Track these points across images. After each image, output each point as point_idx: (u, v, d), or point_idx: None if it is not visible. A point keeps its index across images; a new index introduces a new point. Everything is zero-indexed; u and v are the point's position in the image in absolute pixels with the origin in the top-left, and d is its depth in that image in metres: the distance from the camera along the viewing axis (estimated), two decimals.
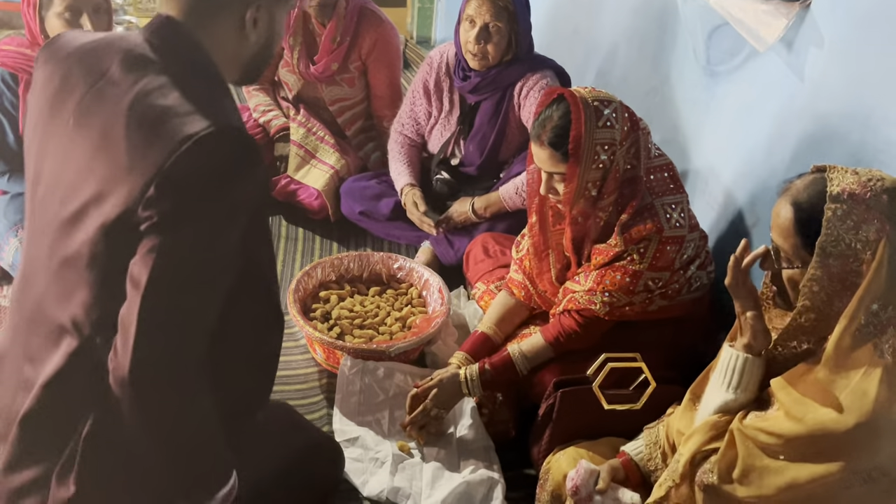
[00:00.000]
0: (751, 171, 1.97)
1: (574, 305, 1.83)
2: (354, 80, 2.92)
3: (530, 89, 2.42)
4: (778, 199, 1.28)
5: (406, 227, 2.73)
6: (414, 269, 2.43)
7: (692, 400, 1.52)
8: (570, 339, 1.84)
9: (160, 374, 1.14)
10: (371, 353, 2.08)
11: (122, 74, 1.18)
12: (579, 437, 1.69)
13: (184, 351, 1.16)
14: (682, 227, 1.77)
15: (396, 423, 2.00)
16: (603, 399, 1.61)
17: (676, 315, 1.85)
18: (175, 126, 1.10)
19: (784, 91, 1.85)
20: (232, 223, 1.15)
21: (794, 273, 1.27)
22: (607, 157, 1.71)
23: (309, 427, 1.79)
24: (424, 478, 1.85)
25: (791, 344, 1.28)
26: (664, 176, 1.80)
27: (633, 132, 1.75)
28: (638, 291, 1.77)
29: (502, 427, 1.98)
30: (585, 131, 1.69)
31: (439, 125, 2.65)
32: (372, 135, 3.07)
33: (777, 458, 1.22)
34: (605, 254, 1.80)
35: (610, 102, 1.73)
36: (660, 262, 1.76)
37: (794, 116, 1.81)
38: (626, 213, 1.76)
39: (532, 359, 1.87)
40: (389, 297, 2.37)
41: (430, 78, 2.60)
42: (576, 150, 1.69)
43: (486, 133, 2.52)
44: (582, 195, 1.76)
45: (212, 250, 1.14)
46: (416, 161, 2.73)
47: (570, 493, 1.41)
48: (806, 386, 1.21)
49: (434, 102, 2.62)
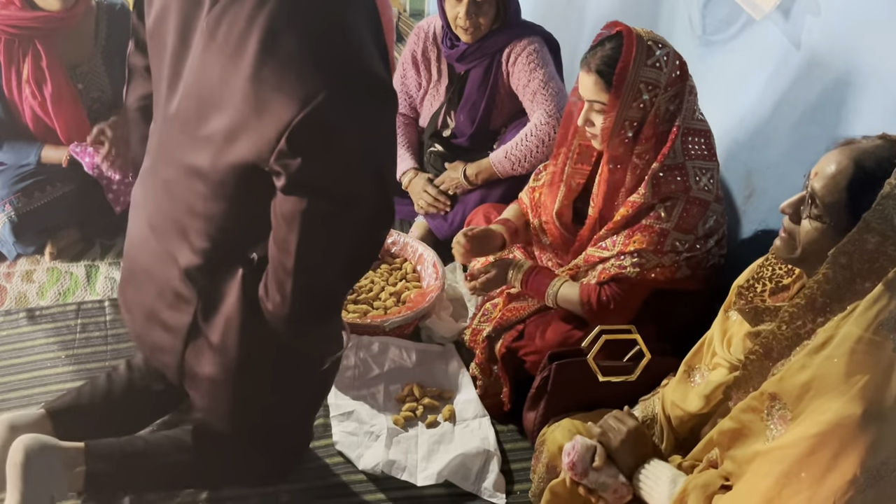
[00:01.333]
0: (747, 140, 1.96)
1: (606, 276, 1.81)
2: None
3: (518, 56, 2.40)
4: (834, 149, 1.20)
5: (400, 200, 2.71)
6: (408, 243, 2.42)
7: (686, 372, 1.52)
8: (603, 307, 1.82)
9: (315, 318, 1.30)
10: (366, 328, 2.07)
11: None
12: (574, 409, 1.69)
13: (333, 285, 1.28)
14: (710, 192, 1.75)
15: (391, 397, 2.01)
16: (598, 371, 1.61)
17: (693, 287, 1.84)
18: (305, 74, 1.05)
19: (780, 59, 1.83)
20: (371, 164, 1.16)
21: (815, 229, 1.20)
22: (649, 98, 1.70)
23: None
24: (420, 451, 1.86)
25: (797, 323, 1.19)
26: (700, 141, 1.78)
27: (679, 82, 1.73)
28: (666, 251, 1.75)
29: (497, 400, 1.98)
30: (633, 65, 1.68)
31: (429, 95, 2.62)
32: None
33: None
34: (632, 205, 1.78)
35: (664, 46, 1.72)
36: (685, 223, 1.74)
37: (791, 85, 1.79)
38: (656, 161, 1.74)
39: (561, 304, 1.88)
40: (383, 271, 2.36)
41: (417, 48, 2.58)
42: (619, 81, 1.69)
43: (476, 101, 2.50)
44: (618, 133, 1.74)
45: (353, 208, 1.16)
46: (414, 141, 2.70)
47: (567, 469, 1.40)
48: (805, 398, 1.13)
49: (423, 73, 2.60)
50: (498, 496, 1.79)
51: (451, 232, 2.52)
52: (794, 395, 1.12)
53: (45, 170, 2.45)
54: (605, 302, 1.82)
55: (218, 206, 1.26)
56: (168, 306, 1.41)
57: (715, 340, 1.46)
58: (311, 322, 1.34)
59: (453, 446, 1.86)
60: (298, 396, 1.59)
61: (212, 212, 1.27)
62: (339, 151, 1.11)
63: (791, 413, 1.13)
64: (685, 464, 1.41)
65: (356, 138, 1.11)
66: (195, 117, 1.22)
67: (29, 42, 2.32)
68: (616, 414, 1.44)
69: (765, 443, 1.16)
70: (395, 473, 1.80)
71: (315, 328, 1.39)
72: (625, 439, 1.38)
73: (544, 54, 2.41)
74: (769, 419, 1.17)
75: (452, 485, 1.81)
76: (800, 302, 1.18)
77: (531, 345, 1.89)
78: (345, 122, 1.08)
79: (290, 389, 1.53)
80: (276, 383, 1.50)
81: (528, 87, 2.39)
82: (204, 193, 1.25)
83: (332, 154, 1.11)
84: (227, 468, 1.67)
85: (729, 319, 1.44)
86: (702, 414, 1.44)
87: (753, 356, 1.25)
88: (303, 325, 1.33)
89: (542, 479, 1.59)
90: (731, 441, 1.24)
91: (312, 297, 1.27)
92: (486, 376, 1.99)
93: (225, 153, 1.18)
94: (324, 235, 1.18)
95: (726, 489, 1.23)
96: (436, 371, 2.09)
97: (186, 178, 1.28)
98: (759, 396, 1.19)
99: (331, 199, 1.14)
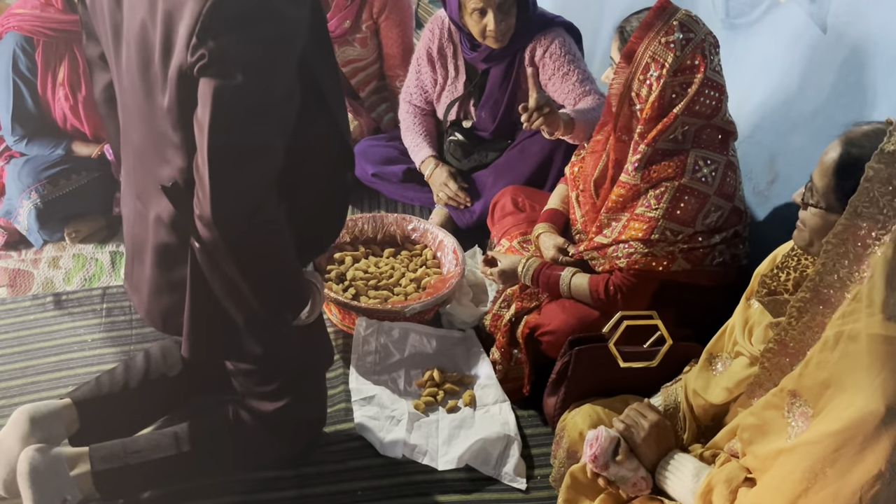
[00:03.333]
0: (771, 125, 1.94)
1: (606, 267, 1.83)
2: (367, 41, 2.89)
3: (545, 50, 2.35)
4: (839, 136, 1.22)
5: (419, 188, 2.71)
6: (428, 230, 2.42)
7: (708, 360, 1.51)
8: (611, 298, 1.82)
9: (239, 210, 1.25)
10: (386, 314, 2.08)
11: None
12: (594, 394, 1.69)
13: (257, 187, 1.25)
14: (708, 184, 1.72)
15: (412, 383, 2.02)
16: (619, 357, 1.61)
17: (700, 283, 1.83)
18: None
19: (805, 42, 1.80)
20: (283, 56, 1.20)
21: (815, 214, 1.22)
22: (654, 77, 1.68)
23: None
24: (441, 435, 1.87)
25: (806, 317, 1.18)
26: (717, 136, 1.75)
27: (693, 73, 1.69)
28: (656, 240, 1.74)
29: (517, 384, 1.99)
30: (647, 36, 1.68)
31: (446, 92, 2.60)
32: (385, 95, 3.04)
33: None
34: (623, 186, 1.78)
35: (690, 32, 1.68)
36: (679, 213, 1.72)
37: (817, 69, 1.77)
38: (645, 143, 1.72)
39: (575, 295, 1.89)
40: (404, 258, 2.37)
41: (433, 45, 2.54)
42: (629, 49, 1.70)
43: (498, 99, 2.48)
44: (626, 102, 1.75)
45: (265, 85, 1.19)
46: (433, 129, 2.69)
47: (589, 461, 1.40)
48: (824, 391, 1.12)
49: (439, 70, 2.57)
50: (518, 480, 1.80)
51: (473, 222, 2.52)
52: (814, 392, 1.12)
53: (71, 159, 2.50)
54: (612, 293, 1.82)
55: (180, 137, 1.29)
56: (168, 268, 1.44)
57: (736, 330, 1.45)
58: (235, 226, 1.26)
59: (474, 431, 1.87)
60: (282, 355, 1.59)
61: (178, 146, 1.30)
62: (247, 37, 1.17)
63: (812, 410, 1.13)
64: (706, 453, 1.41)
65: (268, 28, 1.18)
66: (140, 61, 1.28)
67: (67, 46, 2.37)
68: (638, 407, 1.44)
69: (787, 440, 1.15)
70: (416, 457, 1.81)
71: (239, 236, 1.28)
72: (647, 435, 1.39)
73: (571, 44, 2.38)
74: (790, 416, 1.16)
75: (473, 469, 1.82)
76: (805, 295, 1.17)
77: (547, 324, 1.89)
78: (251, 9, 1.16)
79: (268, 346, 1.52)
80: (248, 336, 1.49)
81: (567, 78, 2.34)
82: (166, 132, 1.30)
83: (241, 37, 1.17)
84: (243, 453, 1.71)
85: (751, 308, 1.43)
86: (724, 404, 1.44)
87: (770, 353, 1.25)
88: (226, 227, 1.24)
89: (563, 463, 1.60)
90: (753, 437, 1.24)
91: (231, 189, 1.23)
92: (506, 361, 2.00)
93: (168, 79, 1.23)
94: (239, 114, 1.20)
95: (749, 481, 1.23)
96: (456, 356, 2.10)
97: (150, 128, 1.33)
98: (780, 393, 1.18)
99: (240, 71, 1.17)
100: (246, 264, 1.32)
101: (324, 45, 1.37)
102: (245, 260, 1.31)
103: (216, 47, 1.15)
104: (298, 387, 1.68)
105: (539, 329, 1.90)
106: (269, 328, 1.46)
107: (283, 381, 1.65)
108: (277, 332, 1.49)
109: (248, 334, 1.46)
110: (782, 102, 1.89)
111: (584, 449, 1.43)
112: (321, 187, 1.47)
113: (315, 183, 1.45)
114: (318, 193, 1.47)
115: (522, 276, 1.99)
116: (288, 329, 1.51)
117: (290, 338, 1.55)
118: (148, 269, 1.48)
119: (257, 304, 1.39)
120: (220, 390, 1.79)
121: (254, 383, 1.65)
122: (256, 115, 1.22)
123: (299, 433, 1.77)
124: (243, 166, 1.23)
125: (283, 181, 1.31)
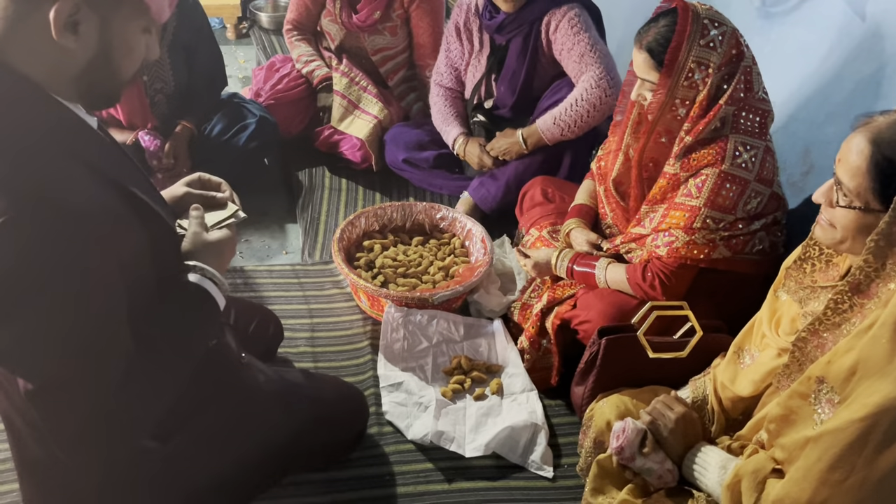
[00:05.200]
0: (806, 115, 1.91)
1: (650, 254, 1.82)
2: (397, 29, 2.89)
3: (558, 23, 2.37)
4: (853, 132, 1.18)
5: (448, 176, 2.73)
6: (457, 219, 2.43)
7: (736, 353, 1.50)
8: (650, 287, 1.81)
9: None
10: (414, 301, 2.10)
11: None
12: (623, 384, 1.68)
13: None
14: (749, 170, 1.70)
15: (440, 370, 2.03)
16: (648, 347, 1.60)
17: (740, 271, 1.81)
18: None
19: (843, 31, 1.77)
20: (71, 292, 1.03)
21: (849, 214, 1.20)
22: (700, 78, 1.67)
23: (332, 381, 1.84)
24: (468, 423, 1.88)
25: (843, 307, 1.18)
26: (755, 119, 1.73)
27: (735, 62, 1.68)
28: (697, 228, 1.73)
29: (544, 374, 1.99)
30: (686, 45, 1.65)
31: (471, 67, 2.63)
32: (414, 84, 3.05)
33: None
34: (665, 176, 1.77)
35: (721, 25, 1.67)
36: (720, 201, 1.70)
37: (854, 58, 1.74)
38: (690, 135, 1.71)
39: (612, 285, 1.89)
40: (432, 246, 2.38)
41: (460, 19, 2.58)
42: (671, 61, 1.67)
43: (517, 71, 2.49)
44: (668, 110, 1.73)
45: (59, 322, 1.03)
46: (462, 111, 2.71)
47: (615, 453, 1.40)
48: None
49: (465, 43, 2.60)
50: (545, 469, 1.81)
51: (496, 204, 2.53)
52: (842, 378, 1.11)
53: None
54: (649, 282, 1.81)
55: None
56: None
57: (763, 322, 1.44)
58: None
59: (501, 419, 1.88)
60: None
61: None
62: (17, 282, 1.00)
63: (839, 396, 1.12)
64: (734, 445, 1.41)
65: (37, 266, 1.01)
66: None
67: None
68: (665, 399, 1.44)
69: (813, 427, 1.15)
70: (443, 444, 1.83)
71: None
72: (674, 428, 1.38)
73: (586, 18, 2.37)
74: (816, 403, 1.16)
75: (500, 457, 1.83)
76: (844, 288, 1.16)
77: (585, 313, 1.88)
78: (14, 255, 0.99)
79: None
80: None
81: (573, 51, 2.36)
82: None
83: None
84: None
85: (778, 300, 1.42)
86: (753, 397, 1.43)
87: (801, 343, 1.24)
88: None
89: (590, 453, 1.60)
90: (780, 427, 1.23)
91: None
92: (534, 350, 2.00)
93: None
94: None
95: (777, 472, 1.22)
96: (483, 345, 2.11)
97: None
98: (807, 381, 1.18)
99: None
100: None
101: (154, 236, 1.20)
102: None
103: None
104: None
105: (576, 319, 1.90)
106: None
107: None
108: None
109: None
110: (818, 92, 1.87)
111: (610, 441, 1.43)
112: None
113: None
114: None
115: (557, 268, 1.99)
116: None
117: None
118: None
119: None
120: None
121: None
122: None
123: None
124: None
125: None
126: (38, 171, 1.01)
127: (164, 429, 1.32)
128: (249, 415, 1.51)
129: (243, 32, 4.11)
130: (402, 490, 1.75)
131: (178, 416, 1.34)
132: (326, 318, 2.23)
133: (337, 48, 2.97)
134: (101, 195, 1.09)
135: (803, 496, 1.12)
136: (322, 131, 2.91)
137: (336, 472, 1.77)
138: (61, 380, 1.06)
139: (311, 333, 2.17)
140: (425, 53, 2.94)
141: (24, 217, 0.97)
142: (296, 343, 2.12)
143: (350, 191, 2.82)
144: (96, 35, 1.07)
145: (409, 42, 2.96)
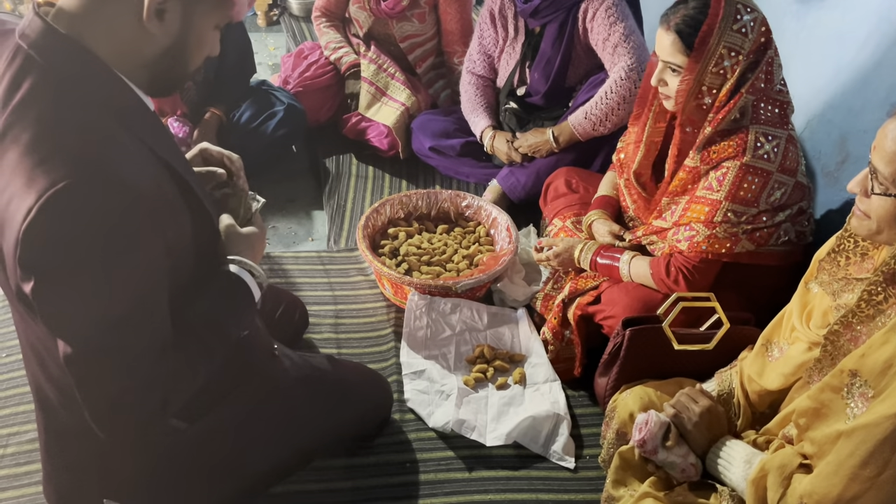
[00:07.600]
0: (842, 103, 1.86)
1: (672, 248, 1.79)
2: (425, 16, 2.88)
3: (596, 10, 2.34)
4: (889, 119, 1.15)
5: (475, 164, 2.71)
6: (482, 207, 2.41)
7: (764, 345, 1.47)
8: (674, 281, 1.79)
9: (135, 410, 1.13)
10: (438, 289, 2.09)
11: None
12: (647, 376, 1.66)
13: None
14: (771, 161, 1.66)
15: (462, 358, 2.02)
16: (673, 339, 1.58)
17: (765, 263, 1.78)
18: (29, 177, 1.00)
19: (881, 16, 1.72)
20: (120, 263, 1.05)
21: (885, 202, 1.16)
22: (730, 65, 1.63)
23: (357, 367, 1.84)
24: (490, 412, 1.87)
25: (878, 299, 1.16)
26: (774, 110, 1.69)
27: (762, 51, 1.65)
28: (718, 222, 1.70)
29: (568, 365, 1.98)
30: (718, 29, 1.61)
31: (505, 54, 2.60)
32: (442, 72, 3.03)
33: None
34: (685, 169, 1.74)
35: (752, 10, 1.64)
36: (740, 193, 1.67)
37: (891, 44, 1.68)
38: (710, 126, 1.68)
39: (635, 279, 1.87)
40: (457, 234, 2.37)
41: (494, 6, 2.55)
42: (701, 44, 1.63)
43: (551, 58, 2.46)
44: (695, 97, 1.69)
45: (105, 291, 1.06)
46: (493, 102, 2.69)
47: (637, 445, 1.39)
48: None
49: (499, 30, 2.58)
50: (567, 459, 1.79)
51: (525, 193, 2.51)
52: (877, 372, 1.09)
53: None
54: (673, 278, 1.78)
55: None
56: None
57: (794, 314, 1.41)
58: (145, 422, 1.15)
59: (523, 409, 1.87)
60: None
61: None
62: (75, 251, 1.03)
63: (873, 390, 1.10)
64: (760, 439, 1.38)
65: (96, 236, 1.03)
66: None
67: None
68: (689, 392, 1.42)
69: (845, 422, 1.13)
70: (464, 432, 1.82)
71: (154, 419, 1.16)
72: (698, 422, 1.37)
73: (623, 7, 2.34)
74: (849, 397, 1.14)
75: (521, 446, 1.82)
76: (879, 279, 1.15)
77: (609, 308, 1.86)
78: (74, 221, 1.02)
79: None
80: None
81: (608, 42, 2.33)
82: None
83: (68, 257, 1.03)
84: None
85: (810, 293, 1.39)
86: (780, 390, 1.40)
87: (834, 336, 1.22)
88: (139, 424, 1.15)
89: (612, 444, 1.59)
90: (810, 421, 1.21)
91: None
92: (557, 341, 1.99)
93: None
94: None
95: (804, 468, 1.20)
96: (507, 334, 2.10)
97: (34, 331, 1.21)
98: (839, 374, 1.15)
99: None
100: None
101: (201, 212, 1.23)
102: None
103: (41, 273, 1.02)
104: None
105: (601, 314, 1.88)
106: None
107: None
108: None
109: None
110: (856, 79, 1.81)
111: (632, 433, 1.41)
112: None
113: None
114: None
115: (580, 260, 1.96)
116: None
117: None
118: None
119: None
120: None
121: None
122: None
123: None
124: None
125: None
126: (99, 142, 1.04)
127: (193, 410, 1.35)
128: (276, 400, 1.53)
129: (274, 19, 4.13)
130: (424, 477, 1.75)
131: (207, 398, 1.36)
132: (351, 305, 2.24)
133: (365, 35, 2.97)
134: (155, 174, 1.12)
135: (833, 491, 1.10)
136: (349, 118, 2.91)
137: (358, 459, 1.78)
138: (101, 347, 1.08)
139: (336, 320, 2.18)
140: (454, 40, 2.92)
141: (82, 184, 1.00)
142: (320, 329, 2.13)
143: (376, 178, 2.82)
144: (178, 24, 1.09)
145: (438, 29, 2.95)
